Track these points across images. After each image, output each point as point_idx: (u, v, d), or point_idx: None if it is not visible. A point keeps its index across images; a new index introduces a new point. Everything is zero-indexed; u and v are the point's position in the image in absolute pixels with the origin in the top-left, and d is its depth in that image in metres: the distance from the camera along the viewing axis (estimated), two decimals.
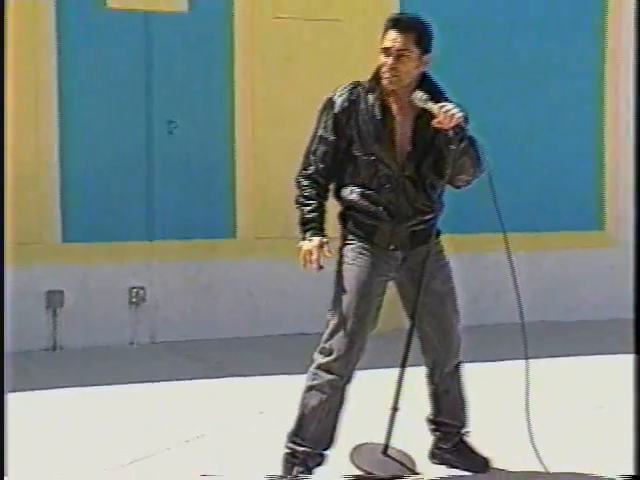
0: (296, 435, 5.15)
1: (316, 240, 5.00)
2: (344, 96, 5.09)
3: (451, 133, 4.94)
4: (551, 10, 10.36)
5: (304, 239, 5.03)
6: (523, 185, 9.93)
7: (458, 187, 5.19)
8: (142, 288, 9.31)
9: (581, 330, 9.57)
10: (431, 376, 5.38)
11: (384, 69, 5.03)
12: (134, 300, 9.30)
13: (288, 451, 5.16)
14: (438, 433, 5.46)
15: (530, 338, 5.13)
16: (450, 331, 5.29)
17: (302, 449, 5.13)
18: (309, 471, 5.12)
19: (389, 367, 5.32)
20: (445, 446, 5.44)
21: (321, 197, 5.15)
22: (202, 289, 9.50)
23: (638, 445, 4.86)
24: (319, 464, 5.15)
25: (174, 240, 9.36)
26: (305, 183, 5.10)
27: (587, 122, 10.64)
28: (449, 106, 4.91)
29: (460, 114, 4.90)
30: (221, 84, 9.53)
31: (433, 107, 4.92)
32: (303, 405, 5.14)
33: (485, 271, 5.50)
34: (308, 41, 9.68)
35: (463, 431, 5.44)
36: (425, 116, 5.01)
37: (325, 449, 5.15)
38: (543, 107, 10.33)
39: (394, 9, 9.35)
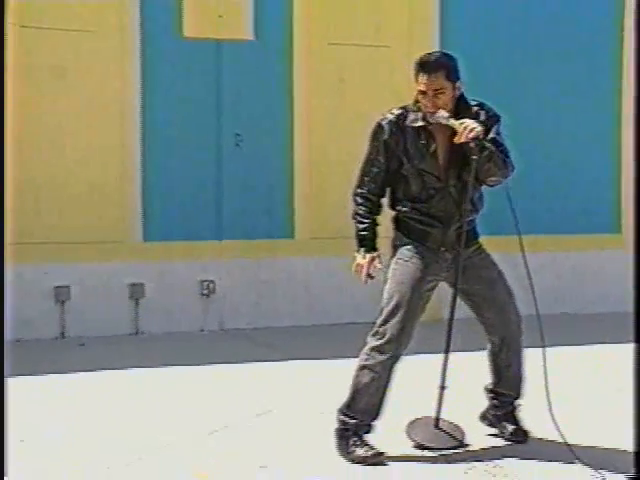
0: (348, 408, 5.17)
1: (368, 256, 5.16)
2: (392, 122, 5.15)
3: (472, 144, 4.97)
4: (571, 36, 10.27)
5: (358, 252, 5.19)
6: (548, 194, 9.82)
7: (492, 186, 5.19)
8: (212, 281, 9.35)
9: (601, 321, 9.45)
10: (498, 353, 5.35)
11: (424, 107, 5.08)
12: (205, 292, 9.35)
13: (340, 424, 5.20)
14: (495, 401, 5.47)
15: (552, 327, 5.17)
16: (506, 309, 5.28)
17: (353, 421, 5.15)
18: (361, 439, 5.12)
19: (433, 353, 5.38)
20: (498, 413, 5.46)
21: (373, 213, 5.23)
22: (263, 283, 9.52)
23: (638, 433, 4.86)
24: (368, 432, 5.16)
25: (239, 240, 9.42)
26: (360, 201, 5.22)
27: (605, 132, 10.49)
28: (468, 122, 4.98)
29: (478, 128, 4.96)
30: (282, 101, 9.56)
31: (454, 123, 5.01)
32: (356, 382, 5.16)
33: (515, 269, 5.63)
34: (359, 65, 9.72)
35: (516, 403, 5.45)
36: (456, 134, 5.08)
37: (373, 420, 5.17)
38: (565, 119, 10.23)
39: (435, 36, 9.51)
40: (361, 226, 5.22)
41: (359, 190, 5.25)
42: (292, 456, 5.21)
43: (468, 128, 4.95)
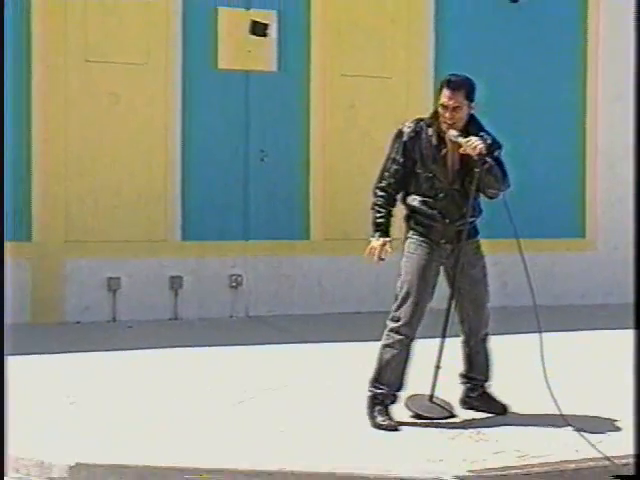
0: (376, 381, 5.21)
1: (381, 240, 5.20)
2: (410, 128, 5.24)
3: (475, 158, 5.03)
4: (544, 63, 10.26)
5: (373, 236, 5.24)
6: (523, 203, 9.37)
7: (490, 197, 5.24)
8: (239, 275, 9.34)
9: (569, 311, 9.43)
10: (467, 341, 5.38)
11: (443, 119, 5.14)
12: (233, 284, 9.33)
13: (370, 394, 5.21)
14: (468, 385, 5.48)
15: (531, 317, 5.21)
16: (481, 306, 5.33)
17: (380, 391, 5.19)
18: (386, 408, 5.17)
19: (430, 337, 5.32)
20: (473, 395, 5.47)
21: (390, 205, 5.27)
22: (283, 277, 9.51)
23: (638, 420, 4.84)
24: (393, 402, 5.21)
25: (263, 240, 9.41)
26: (380, 193, 5.27)
27: (572, 151, 10.42)
28: (473, 140, 5.05)
29: (481, 145, 5.02)
30: (301, 123, 9.57)
31: (462, 141, 5.08)
32: (380, 359, 5.21)
33: (494, 266, 5.70)
34: (366, 93, 9.72)
35: (487, 384, 5.47)
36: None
37: (397, 390, 5.22)
38: (538, 140, 10.14)
39: (429, 70, 9.56)
40: (378, 214, 5.28)
41: (379, 184, 5.30)
42: (305, 422, 5.25)
43: (473, 145, 5.03)
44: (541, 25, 10.22)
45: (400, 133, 5.28)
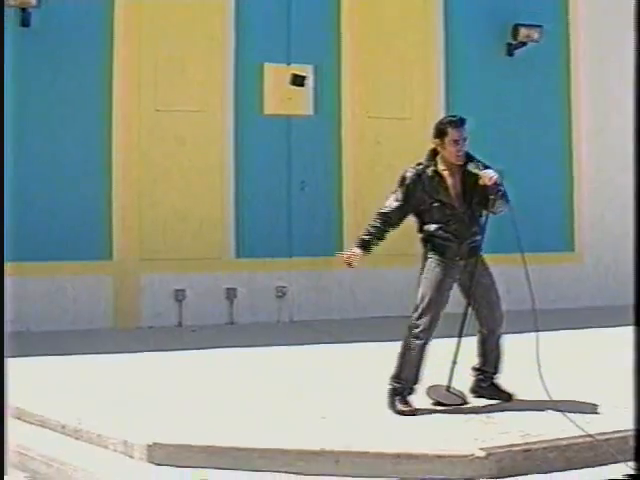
0: (397, 377, 5.23)
1: (356, 250, 5.23)
2: (412, 173, 5.22)
3: (492, 188, 5.04)
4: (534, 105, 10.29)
5: (354, 247, 5.25)
6: (522, 223, 9.58)
7: (496, 214, 5.18)
8: (284, 287, 9.33)
9: (563, 313, 9.26)
10: (484, 341, 5.34)
11: (456, 152, 5.11)
12: (279, 294, 9.32)
13: (391, 387, 5.23)
14: (480, 377, 5.45)
15: (525, 319, 5.22)
16: (495, 308, 5.29)
17: (400, 385, 5.21)
18: (404, 398, 5.19)
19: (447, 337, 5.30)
20: (483, 385, 5.44)
21: (380, 230, 5.21)
22: (322, 288, 9.47)
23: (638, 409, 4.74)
24: (410, 393, 5.23)
25: (304, 257, 9.36)
26: (375, 217, 5.26)
27: (562, 179, 10.37)
28: (490, 172, 5.06)
29: (496, 176, 5.04)
30: (334, 157, 9.56)
31: (480, 173, 5.08)
32: (400, 358, 5.22)
33: (500, 276, 5.72)
34: (389, 131, 9.71)
35: (495, 376, 5.45)
36: (468, 175, 5.13)
37: (414, 384, 5.24)
38: (533, 169, 10.07)
39: (442, 112, 9.45)
40: (367, 233, 5.25)
41: (381, 210, 5.27)
42: (342, 410, 5.28)
43: (489, 176, 5.05)
44: (532, 73, 10.21)
45: (403, 179, 5.25)
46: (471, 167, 5.13)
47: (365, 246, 5.28)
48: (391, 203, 5.27)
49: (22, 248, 8.08)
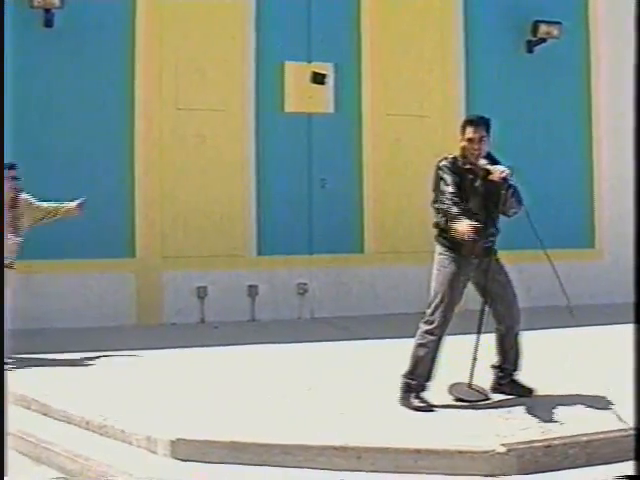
0: (410, 373, 5.21)
1: (466, 222, 4.96)
2: (450, 163, 5.16)
3: (502, 181, 5.03)
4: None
5: (460, 222, 4.97)
6: (543, 220, 9.49)
7: (509, 216, 5.21)
8: (305, 284, 9.35)
9: (582, 311, 9.16)
10: (503, 338, 5.33)
11: (472, 151, 5.13)
12: (300, 291, 9.34)
13: (404, 383, 5.22)
14: (500, 374, 5.43)
15: (550, 315, 5.25)
16: (512, 306, 5.27)
17: (413, 382, 5.20)
18: (418, 395, 5.17)
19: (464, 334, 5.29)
20: (503, 382, 5.43)
21: (460, 206, 5.05)
22: (342, 284, 9.48)
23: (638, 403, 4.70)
24: (423, 390, 5.21)
25: (325, 254, 9.38)
26: (453, 201, 5.06)
27: (582, 177, 10.37)
28: (500, 167, 5.06)
29: (507, 170, 5.03)
30: (354, 155, 9.57)
31: (490, 168, 5.08)
32: (414, 355, 5.21)
33: (520, 274, 5.68)
34: (408, 129, 9.72)
35: (515, 372, 5.43)
36: (487, 174, 5.10)
37: (427, 381, 5.22)
38: (553, 168, 10.06)
39: (461, 110, 9.48)
40: (454, 210, 5.04)
41: (449, 198, 5.06)
42: (361, 406, 5.28)
43: (499, 170, 5.06)
44: (552, 70, 10.18)
45: (442, 166, 5.18)
46: (481, 163, 5.12)
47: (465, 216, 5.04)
48: (449, 186, 5.12)
49: (47, 246, 8.10)
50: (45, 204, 6.75)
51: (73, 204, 6.70)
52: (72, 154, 8.70)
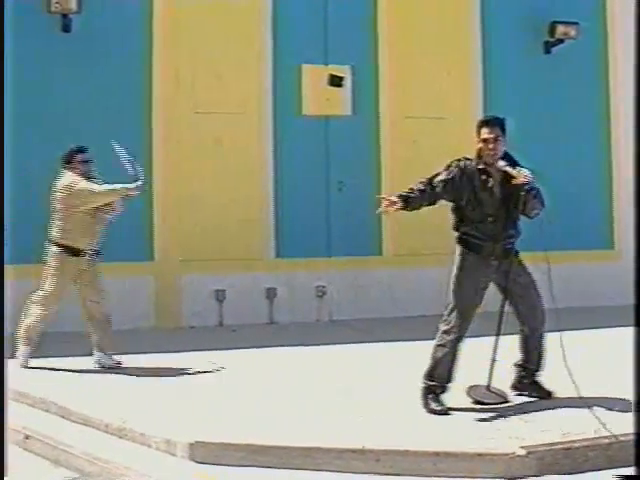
0: (430, 375, 5.19)
1: (395, 197, 5.13)
2: (459, 167, 5.18)
3: (525, 186, 5.00)
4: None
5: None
6: (564, 222, 9.04)
7: (531, 217, 5.16)
8: (324, 286, 9.34)
9: (601, 312, 9.22)
10: (526, 339, 5.30)
11: (487, 151, 5.11)
12: (319, 294, 9.33)
13: (424, 385, 5.20)
14: (522, 373, 5.41)
15: (567, 315, 5.17)
16: (535, 307, 5.23)
17: (433, 383, 5.17)
18: (437, 397, 5.16)
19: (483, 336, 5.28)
20: (525, 382, 5.42)
21: (424, 192, 5.12)
22: (360, 287, 9.45)
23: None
24: (443, 392, 5.19)
25: (343, 257, 9.37)
26: (421, 181, 5.19)
27: (601, 179, 10.34)
28: (523, 170, 5.05)
29: (530, 174, 5.03)
30: (372, 157, 9.54)
31: (512, 171, 5.05)
32: (434, 356, 5.18)
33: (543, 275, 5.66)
34: (426, 130, 9.70)
35: (537, 373, 5.42)
36: (507, 175, 5.09)
37: (447, 383, 5.19)
38: (572, 169, 10.02)
39: (479, 111, 9.43)
40: (409, 190, 5.17)
41: (425, 178, 5.19)
42: (381, 408, 5.28)
43: (523, 174, 5.03)
44: (570, 71, 10.14)
45: (450, 167, 5.20)
46: (500, 165, 5.09)
47: (406, 200, 5.16)
48: (439, 176, 5.20)
49: None
50: (103, 188, 6.50)
51: (132, 185, 6.52)
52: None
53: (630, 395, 5.19)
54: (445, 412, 5.09)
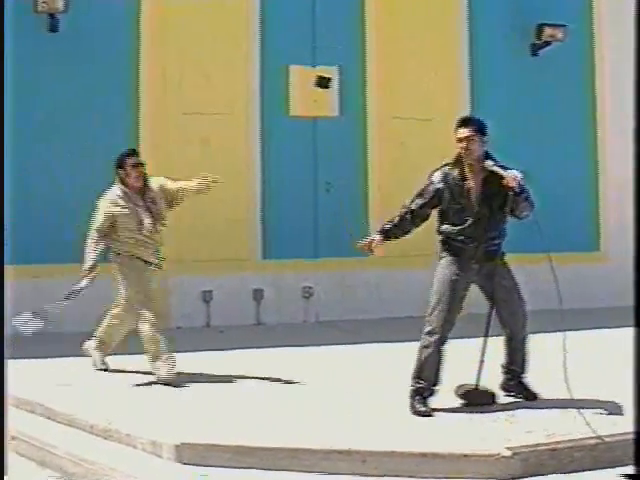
0: (417, 377, 5.19)
1: (376, 237, 5.30)
2: (439, 176, 5.21)
3: (516, 188, 4.97)
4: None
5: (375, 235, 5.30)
6: (550, 224, 9.59)
7: (521, 219, 5.15)
8: (310, 287, 9.38)
9: (585, 314, 9.09)
10: (509, 341, 5.32)
11: (462, 150, 5.11)
12: (306, 295, 9.37)
13: (412, 387, 5.19)
14: (508, 375, 5.44)
15: (554, 318, 5.18)
16: (517, 312, 5.24)
17: (420, 385, 5.16)
18: (425, 400, 5.15)
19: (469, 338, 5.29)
20: (511, 383, 5.44)
21: (402, 222, 5.25)
22: (347, 287, 9.48)
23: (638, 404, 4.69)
24: (431, 394, 5.19)
25: (330, 257, 9.36)
26: (401, 209, 5.30)
27: (587, 181, 10.41)
28: (513, 172, 5.03)
29: (520, 175, 5.01)
30: (359, 158, 9.60)
31: (504, 174, 5.02)
32: (419, 358, 5.19)
33: (527, 277, 5.64)
34: (414, 132, 9.73)
35: (523, 375, 5.44)
36: (490, 176, 5.06)
37: (434, 385, 5.19)
38: (559, 170, 10.06)
39: (466, 113, 9.15)
40: (388, 222, 5.30)
41: (404, 204, 5.31)
42: (367, 409, 5.27)
43: (512, 176, 5.01)
44: (557, 73, 10.20)
45: (431, 180, 5.25)
46: (488, 164, 5.07)
47: (386, 233, 5.31)
48: (417, 200, 5.27)
49: (53, 250, 8.13)
50: (175, 185, 6.49)
51: (204, 182, 6.47)
52: (76, 159, 8.67)
53: (618, 397, 5.22)
54: (429, 414, 5.08)
